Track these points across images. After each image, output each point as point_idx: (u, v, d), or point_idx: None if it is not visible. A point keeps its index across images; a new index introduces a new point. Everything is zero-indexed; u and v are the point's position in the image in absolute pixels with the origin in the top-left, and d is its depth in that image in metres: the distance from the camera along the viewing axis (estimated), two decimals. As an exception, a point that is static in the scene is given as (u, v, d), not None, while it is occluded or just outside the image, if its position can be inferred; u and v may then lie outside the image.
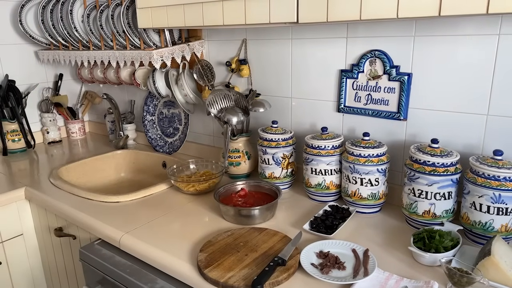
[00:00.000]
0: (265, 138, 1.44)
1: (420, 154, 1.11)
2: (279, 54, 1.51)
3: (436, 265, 0.97)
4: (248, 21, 1.16)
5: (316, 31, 1.39)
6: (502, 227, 1.01)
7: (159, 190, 1.52)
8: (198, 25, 1.30)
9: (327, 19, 1.02)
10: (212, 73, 1.67)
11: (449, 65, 1.16)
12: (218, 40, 1.67)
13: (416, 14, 0.90)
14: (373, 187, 1.22)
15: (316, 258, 1.01)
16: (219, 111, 1.55)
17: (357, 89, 1.35)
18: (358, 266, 0.97)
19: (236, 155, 1.57)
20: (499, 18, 1.05)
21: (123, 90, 2.16)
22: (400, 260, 1.01)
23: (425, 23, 1.17)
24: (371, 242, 1.09)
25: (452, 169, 1.08)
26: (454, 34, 1.13)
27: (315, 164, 1.32)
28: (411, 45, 1.21)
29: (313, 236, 1.13)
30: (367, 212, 1.26)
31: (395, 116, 1.28)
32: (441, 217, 1.11)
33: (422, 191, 1.11)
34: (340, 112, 1.40)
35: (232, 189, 1.38)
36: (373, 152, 1.20)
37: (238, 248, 1.05)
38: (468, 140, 1.18)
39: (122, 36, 1.68)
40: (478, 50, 1.10)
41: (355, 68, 1.33)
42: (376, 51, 1.27)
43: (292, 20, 1.08)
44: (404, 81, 1.23)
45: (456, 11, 0.84)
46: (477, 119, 1.15)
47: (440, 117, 1.21)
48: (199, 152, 1.86)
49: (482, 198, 1.02)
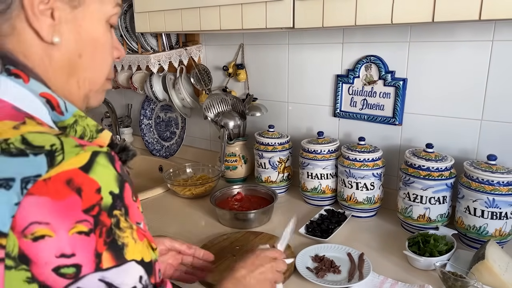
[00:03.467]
0: (262, 142, 1.44)
1: (415, 159, 1.11)
2: (276, 59, 1.52)
3: (430, 269, 0.97)
4: (245, 26, 1.17)
5: (312, 36, 1.40)
6: (496, 232, 1.02)
7: (155, 194, 1.52)
8: (195, 30, 1.31)
9: (322, 24, 1.03)
10: (209, 78, 1.68)
11: (444, 70, 1.17)
12: (215, 44, 1.68)
13: (410, 20, 0.91)
14: (369, 191, 1.23)
15: (311, 262, 1.02)
16: (216, 115, 1.56)
17: (353, 94, 1.35)
18: (353, 270, 0.97)
19: (233, 159, 1.57)
20: (493, 25, 1.07)
21: (120, 94, 2.17)
22: (395, 264, 1.01)
23: (420, 29, 1.18)
24: (367, 246, 1.10)
25: (446, 173, 1.09)
26: (449, 40, 1.14)
27: (311, 168, 1.32)
28: (406, 50, 1.22)
29: (309, 240, 1.13)
30: (362, 216, 1.27)
31: (391, 121, 1.28)
32: (436, 222, 1.12)
33: (417, 195, 1.11)
34: (336, 116, 1.41)
35: (229, 193, 1.38)
36: (369, 157, 1.21)
37: (234, 252, 1.05)
38: (462, 145, 1.18)
39: (120, 40, 1.69)
40: (472, 56, 1.12)
41: (351, 73, 1.34)
42: (372, 56, 1.28)
43: (288, 25, 1.09)
44: (399, 86, 1.24)
45: (449, 17, 0.86)
46: (472, 124, 1.16)
47: (435, 122, 1.22)
48: (196, 156, 1.86)
49: (476, 203, 1.02)
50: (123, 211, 0.45)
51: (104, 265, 0.42)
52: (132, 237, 0.45)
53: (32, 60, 0.51)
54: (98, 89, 0.60)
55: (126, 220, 0.45)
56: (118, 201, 0.44)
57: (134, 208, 0.47)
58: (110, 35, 0.58)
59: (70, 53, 0.53)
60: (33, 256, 0.40)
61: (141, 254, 0.46)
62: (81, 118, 0.52)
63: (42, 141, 0.43)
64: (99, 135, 0.54)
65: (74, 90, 0.56)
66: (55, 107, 0.50)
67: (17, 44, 0.50)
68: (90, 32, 0.54)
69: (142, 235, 0.47)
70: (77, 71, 0.55)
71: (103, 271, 0.42)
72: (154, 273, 0.48)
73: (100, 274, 0.42)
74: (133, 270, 0.45)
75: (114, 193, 0.44)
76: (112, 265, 0.43)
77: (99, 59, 0.57)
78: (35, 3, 0.48)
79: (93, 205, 0.42)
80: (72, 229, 0.41)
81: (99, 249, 0.42)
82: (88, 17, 0.53)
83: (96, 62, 0.57)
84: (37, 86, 0.50)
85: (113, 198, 0.44)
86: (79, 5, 0.52)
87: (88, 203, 0.42)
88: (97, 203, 0.42)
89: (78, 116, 0.52)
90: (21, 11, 0.48)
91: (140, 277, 0.46)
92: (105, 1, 0.55)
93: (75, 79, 0.55)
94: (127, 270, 0.44)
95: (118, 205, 0.44)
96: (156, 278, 0.49)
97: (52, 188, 0.41)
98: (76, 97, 0.56)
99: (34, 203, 0.40)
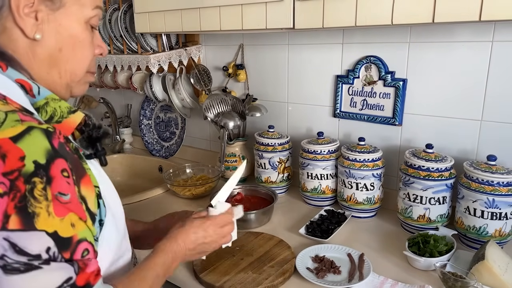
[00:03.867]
0: (262, 143, 1.44)
1: (415, 159, 1.11)
2: (275, 59, 1.52)
3: (430, 270, 0.97)
4: (245, 26, 1.17)
5: (312, 36, 1.40)
6: (496, 232, 1.02)
7: (155, 194, 1.52)
8: (195, 30, 1.31)
9: (323, 25, 1.03)
10: (209, 78, 1.68)
11: (444, 71, 1.17)
12: (215, 45, 1.68)
13: (410, 20, 0.91)
14: (369, 191, 1.23)
15: (311, 262, 1.02)
16: (216, 115, 1.56)
17: (353, 95, 1.36)
18: (353, 270, 0.97)
19: (233, 159, 1.57)
20: (492, 25, 1.07)
21: (120, 94, 2.16)
22: (395, 265, 1.01)
23: (420, 30, 1.18)
24: (367, 247, 1.10)
25: (446, 174, 1.09)
26: (449, 41, 1.15)
27: (311, 168, 1.33)
28: (406, 51, 1.22)
29: (309, 241, 1.13)
30: (362, 216, 1.27)
31: (390, 121, 1.29)
32: (435, 222, 1.12)
33: (417, 195, 1.11)
34: (336, 117, 1.41)
35: (228, 193, 1.38)
36: (369, 157, 1.21)
37: (234, 252, 1.05)
38: (462, 146, 1.19)
39: (120, 40, 1.69)
40: (472, 56, 1.12)
41: (350, 74, 1.34)
42: (372, 57, 1.28)
43: (288, 26, 1.09)
44: (399, 86, 1.24)
45: (450, 18, 0.86)
46: (471, 124, 1.16)
47: (435, 123, 1.22)
48: (196, 156, 1.86)
49: (476, 203, 1.02)
50: (44, 180, 0.49)
51: (10, 226, 0.47)
52: (47, 210, 0.49)
53: (19, 54, 0.60)
54: (80, 80, 0.67)
55: (45, 190, 0.49)
56: (41, 170, 0.49)
57: (62, 182, 0.51)
58: (90, 34, 0.66)
59: (51, 48, 0.61)
60: None
61: (54, 227, 0.49)
62: (54, 100, 0.60)
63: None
64: (70, 115, 0.60)
65: (56, 79, 0.64)
66: (28, 90, 0.58)
67: (7, 40, 0.59)
68: (69, 30, 0.62)
69: (66, 210, 0.51)
70: (58, 63, 0.63)
71: (8, 231, 0.46)
72: (70, 249, 0.51)
73: (5, 233, 0.46)
74: (41, 239, 0.48)
75: (38, 162, 0.49)
76: (18, 228, 0.47)
77: (79, 54, 0.65)
78: (20, 6, 0.57)
79: (13, 170, 0.47)
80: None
81: (9, 211, 0.47)
82: (68, 18, 0.62)
83: (76, 56, 0.64)
84: (13, 74, 0.58)
85: (36, 167, 0.48)
86: (60, 7, 0.61)
87: (9, 168, 0.47)
88: (18, 169, 0.47)
89: (50, 99, 0.60)
90: (9, 13, 0.57)
91: (48, 248, 0.49)
92: (84, 4, 0.63)
93: (57, 70, 0.63)
94: (33, 237, 0.48)
95: (40, 174, 0.48)
96: (75, 255, 0.52)
97: None
98: (59, 87, 0.64)
99: None
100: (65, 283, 0.50)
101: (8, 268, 0.47)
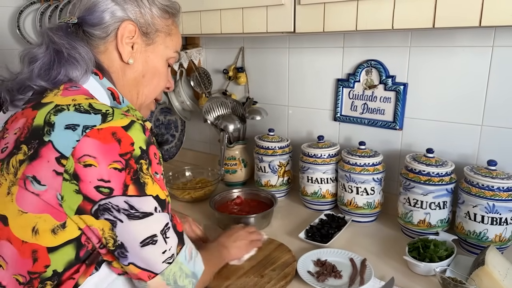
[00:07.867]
0: (262, 146, 1.44)
1: (416, 164, 1.11)
2: (276, 62, 1.52)
3: (430, 275, 0.97)
4: (245, 30, 1.17)
5: (313, 40, 1.40)
6: (496, 237, 1.02)
7: (155, 197, 1.51)
8: (196, 33, 1.31)
9: (323, 29, 1.03)
10: (209, 81, 1.68)
11: (444, 75, 1.17)
12: (215, 48, 1.68)
13: (411, 25, 0.91)
14: (369, 196, 1.23)
15: (313, 266, 1.02)
16: (216, 118, 1.56)
17: (353, 98, 1.36)
18: (354, 275, 0.97)
19: (233, 162, 1.57)
20: (493, 31, 1.07)
21: (120, 97, 2.16)
22: (395, 269, 1.01)
23: (421, 34, 1.18)
24: (367, 251, 1.09)
25: (447, 178, 1.09)
26: (449, 46, 1.15)
27: (311, 172, 1.32)
28: (407, 55, 1.22)
29: (309, 245, 1.13)
30: (362, 221, 1.27)
31: (391, 126, 1.29)
32: (436, 227, 1.12)
33: (417, 200, 1.11)
34: (337, 121, 1.41)
35: (228, 196, 1.38)
36: (369, 161, 1.21)
37: (234, 256, 1.05)
38: (463, 150, 1.19)
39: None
40: (473, 61, 1.12)
41: (351, 78, 1.34)
42: (372, 61, 1.28)
43: (289, 29, 1.09)
44: (399, 91, 1.24)
45: (450, 24, 0.86)
46: (472, 129, 1.16)
47: (436, 127, 1.22)
48: (195, 159, 1.86)
49: (477, 208, 1.02)
50: (146, 162, 0.65)
51: (129, 193, 0.63)
52: (152, 180, 0.66)
53: (112, 71, 0.77)
54: (148, 105, 0.86)
55: (148, 169, 0.65)
56: (144, 154, 0.64)
57: (155, 163, 0.67)
58: (167, 69, 0.86)
59: (137, 73, 0.80)
60: (82, 176, 0.61)
61: (156, 192, 0.66)
62: (132, 109, 0.76)
63: (101, 107, 0.65)
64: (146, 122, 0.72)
65: (133, 98, 0.81)
66: (116, 98, 0.74)
67: (106, 59, 0.76)
68: (154, 62, 0.81)
69: (159, 183, 0.67)
70: (139, 85, 0.81)
71: (128, 196, 0.63)
72: (166, 207, 0.70)
73: (125, 198, 0.62)
74: (150, 202, 0.66)
75: (142, 148, 0.64)
76: (135, 194, 0.63)
77: (155, 82, 0.83)
78: (124, 36, 0.75)
79: (126, 152, 0.62)
80: (110, 164, 0.61)
81: (127, 182, 0.62)
82: (155, 53, 0.80)
83: (153, 83, 0.83)
84: (107, 83, 0.74)
85: (141, 152, 0.64)
86: (151, 44, 0.80)
87: (124, 150, 0.62)
88: (130, 152, 0.63)
89: (130, 108, 0.75)
90: (114, 39, 0.75)
91: (155, 207, 0.66)
92: (168, 46, 0.82)
93: (136, 91, 0.81)
94: (146, 200, 0.65)
95: (144, 157, 0.64)
96: (169, 211, 0.71)
97: (102, 135, 0.61)
98: (133, 105, 0.79)
99: (88, 142, 0.61)
100: (165, 227, 0.69)
101: (131, 216, 0.64)
